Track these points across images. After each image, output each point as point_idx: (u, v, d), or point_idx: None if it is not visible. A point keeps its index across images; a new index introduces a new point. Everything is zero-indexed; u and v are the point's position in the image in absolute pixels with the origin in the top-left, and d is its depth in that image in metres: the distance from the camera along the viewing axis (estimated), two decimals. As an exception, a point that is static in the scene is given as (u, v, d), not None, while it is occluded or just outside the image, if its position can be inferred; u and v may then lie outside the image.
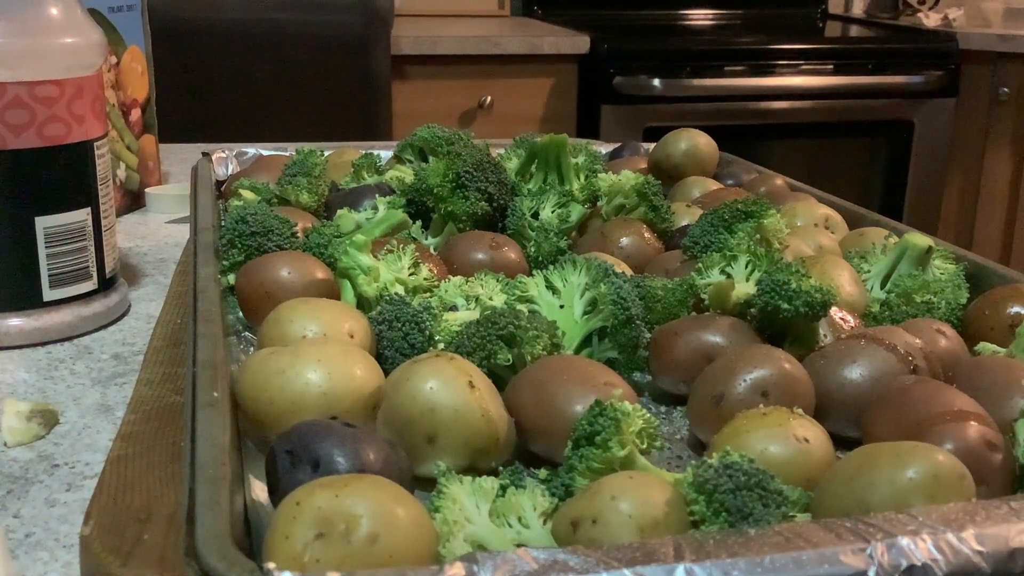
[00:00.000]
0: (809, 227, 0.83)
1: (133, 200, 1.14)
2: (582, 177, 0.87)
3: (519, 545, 0.43)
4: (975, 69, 2.61)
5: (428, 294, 0.69)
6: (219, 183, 0.99)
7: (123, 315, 0.81)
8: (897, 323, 0.66)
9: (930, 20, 2.86)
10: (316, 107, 2.14)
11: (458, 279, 0.68)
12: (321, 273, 0.68)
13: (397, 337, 0.60)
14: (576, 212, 0.84)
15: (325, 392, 0.51)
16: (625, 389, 0.54)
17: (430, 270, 0.70)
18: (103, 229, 0.77)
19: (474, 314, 0.64)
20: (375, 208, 0.82)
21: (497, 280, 0.68)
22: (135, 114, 1.13)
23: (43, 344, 0.74)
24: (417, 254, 0.71)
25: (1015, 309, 0.65)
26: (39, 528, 0.51)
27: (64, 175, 0.73)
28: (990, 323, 0.66)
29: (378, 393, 0.53)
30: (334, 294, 0.67)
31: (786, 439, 0.48)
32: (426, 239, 0.82)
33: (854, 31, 2.88)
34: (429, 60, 2.32)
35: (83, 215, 0.75)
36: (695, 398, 0.56)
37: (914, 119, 2.58)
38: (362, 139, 1.68)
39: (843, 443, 0.53)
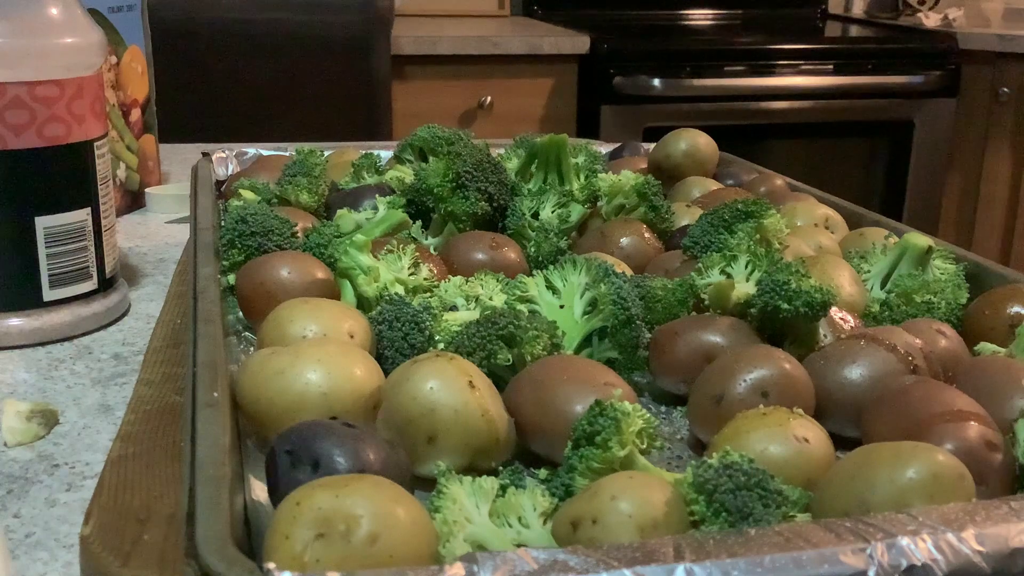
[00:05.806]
0: (809, 227, 0.83)
1: (133, 200, 1.14)
2: (582, 177, 0.87)
3: (519, 545, 0.43)
4: (975, 69, 2.61)
5: (428, 294, 0.69)
6: (219, 183, 0.99)
7: (123, 315, 0.81)
8: (897, 323, 0.66)
9: (930, 20, 2.86)
10: (316, 107, 2.14)
11: (458, 279, 0.68)
12: (321, 273, 0.68)
13: (397, 337, 0.60)
14: (576, 212, 0.84)
15: (325, 392, 0.51)
16: (625, 389, 0.54)
17: (430, 270, 0.70)
18: (103, 229, 0.77)
19: (474, 314, 0.64)
20: (375, 208, 0.82)
21: (497, 280, 0.68)
22: (135, 114, 1.13)
23: (43, 344, 0.74)
24: (417, 254, 0.71)
25: (1015, 309, 0.65)
26: (39, 528, 0.51)
27: (64, 175, 0.73)
28: (990, 323, 0.65)
29: (378, 393, 0.53)
30: (334, 294, 0.67)
31: (786, 439, 0.48)
32: (426, 239, 0.82)
33: (854, 31, 2.88)
34: (429, 60, 2.32)
35: (83, 215, 0.75)
36: (695, 398, 0.56)
37: (914, 119, 2.58)
38: (362, 139, 1.68)
39: (843, 443, 0.53)
